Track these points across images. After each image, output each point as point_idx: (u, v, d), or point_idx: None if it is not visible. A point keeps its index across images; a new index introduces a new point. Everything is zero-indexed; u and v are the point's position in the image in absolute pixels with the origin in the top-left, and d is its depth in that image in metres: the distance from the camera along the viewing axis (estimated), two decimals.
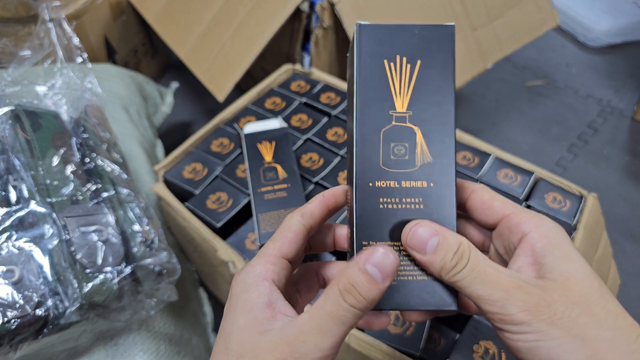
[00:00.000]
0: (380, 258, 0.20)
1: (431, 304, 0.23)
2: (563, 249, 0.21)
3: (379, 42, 0.24)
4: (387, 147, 0.23)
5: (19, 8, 0.81)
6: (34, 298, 0.38)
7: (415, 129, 0.23)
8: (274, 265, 0.23)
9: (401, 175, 0.23)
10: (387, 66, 0.24)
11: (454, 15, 0.86)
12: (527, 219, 0.22)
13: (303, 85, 0.66)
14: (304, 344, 0.20)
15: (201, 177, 0.55)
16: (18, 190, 0.42)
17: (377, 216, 0.23)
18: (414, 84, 0.24)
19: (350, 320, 0.20)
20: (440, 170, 0.23)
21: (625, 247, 0.88)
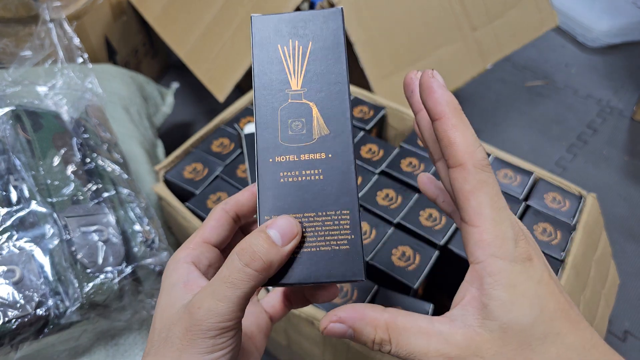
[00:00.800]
0: (280, 222, 0.22)
1: (337, 275, 0.23)
2: (509, 293, 0.19)
3: (271, 31, 0.25)
4: (285, 124, 0.25)
5: (20, 8, 0.81)
6: (34, 298, 0.38)
7: (311, 104, 0.25)
8: (194, 249, 0.24)
9: (299, 148, 0.24)
10: (281, 50, 0.25)
11: (453, 16, 0.86)
12: (486, 244, 0.20)
13: None
14: (199, 310, 0.20)
15: (201, 177, 0.55)
16: (19, 190, 0.43)
17: (279, 190, 0.24)
18: (307, 63, 0.25)
19: (244, 283, 0.20)
20: (338, 141, 0.24)
21: (625, 247, 0.88)
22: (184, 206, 0.52)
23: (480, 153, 0.20)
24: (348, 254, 0.23)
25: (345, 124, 0.24)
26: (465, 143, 0.20)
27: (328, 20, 0.25)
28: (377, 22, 0.79)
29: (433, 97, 0.20)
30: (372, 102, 0.63)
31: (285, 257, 0.22)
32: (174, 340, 0.21)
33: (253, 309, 0.28)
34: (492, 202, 0.20)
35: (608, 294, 0.56)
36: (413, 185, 0.52)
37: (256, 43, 0.25)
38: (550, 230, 0.47)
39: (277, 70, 0.25)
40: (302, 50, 0.25)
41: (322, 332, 0.22)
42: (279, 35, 0.25)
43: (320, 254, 0.23)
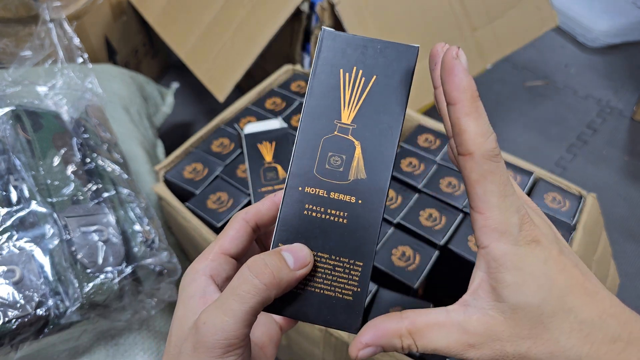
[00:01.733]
0: (296, 248, 0.22)
1: (333, 322, 0.23)
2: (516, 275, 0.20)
3: (339, 51, 0.24)
4: (324, 156, 0.23)
5: (20, 8, 0.81)
6: (34, 298, 0.38)
7: (356, 143, 0.23)
8: (213, 261, 0.24)
9: (332, 185, 0.23)
10: (342, 75, 0.24)
11: (453, 16, 0.86)
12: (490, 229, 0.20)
13: (303, 86, 0.67)
14: (204, 326, 0.20)
15: (201, 177, 0.55)
16: (19, 190, 0.43)
17: (300, 220, 0.23)
18: (364, 98, 0.23)
19: (251, 296, 0.20)
20: (372, 189, 0.23)
21: (625, 247, 0.88)
22: (184, 206, 0.52)
23: (490, 143, 0.20)
24: (349, 306, 0.23)
25: (385, 174, 0.23)
26: (476, 132, 0.19)
27: (401, 57, 0.24)
28: (377, 22, 0.79)
29: (452, 81, 0.20)
30: None
31: (294, 281, 0.22)
32: (184, 358, 0.20)
33: (264, 320, 0.28)
34: (499, 190, 0.20)
35: None
36: (413, 185, 0.52)
37: (320, 60, 0.24)
38: None
39: (333, 97, 0.23)
40: (364, 82, 0.23)
41: (353, 358, 0.22)
42: (344, 59, 0.24)
43: (323, 297, 0.23)
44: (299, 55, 0.88)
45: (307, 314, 0.23)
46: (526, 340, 0.20)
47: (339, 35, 0.24)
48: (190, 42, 0.87)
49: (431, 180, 0.52)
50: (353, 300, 0.23)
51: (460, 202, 0.50)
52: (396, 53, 0.24)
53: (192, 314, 0.22)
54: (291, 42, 0.87)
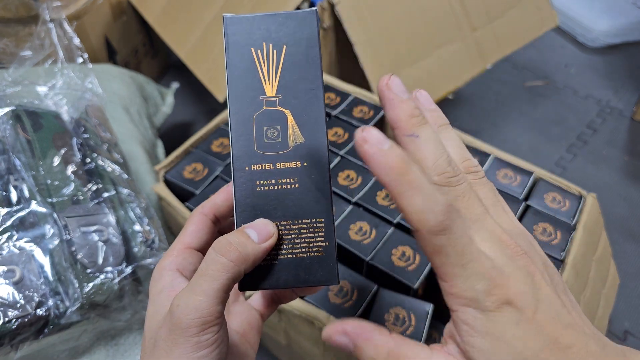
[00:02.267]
0: (258, 224, 0.23)
1: (312, 280, 0.24)
2: (485, 341, 0.19)
3: (245, 32, 0.25)
4: (260, 131, 0.24)
5: (20, 8, 0.81)
6: (34, 298, 0.38)
7: (286, 111, 0.24)
8: (177, 256, 0.25)
9: (275, 157, 0.24)
10: (255, 54, 0.25)
11: (453, 16, 0.86)
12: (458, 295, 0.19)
13: None
14: (178, 308, 0.20)
15: (201, 177, 0.55)
16: (19, 190, 0.43)
17: (255, 198, 0.24)
18: (281, 69, 0.25)
19: (221, 274, 0.20)
20: (313, 149, 0.24)
21: (625, 247, 0.88)
22: (184, 206, 0.52)
23: (434, 218, 0.18)
24: (322, 260, 0.24)
25: (321, 132, 0.24)
26: (415, 212, 0.18)
27: (303, 23, 0.25)
28: (377, 22, 0.79)
29: (375, 164, 0.19)
30: (372, 102, 0.63)
31: (262, 254, 0.22)
32: (160, 344, 0.21)
33: (242, 308, 0.29)
34: (456, 261, 0.19)
35: (608, 294, 0.56)
36: None
37: (230, 45, 0.25)
38: (550, 230, 0.47)
39: (251, 76, 0.24)
40: (277, 54, 0.25)
41: (324, 339, 0.22)
42: (252, 38, 0.25)
43: (296, 260, 0.24)
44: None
45: (285, 281, 0.24)
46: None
47: (241, 18, 0.25)
48: (190, 42, 0.87)
49: None
50: (325, 255, 0.24)
51: None
52: (297, 21, 0.25)
53: (163, 307, 0.22)
54: None
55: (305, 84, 0.25)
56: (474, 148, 0.56)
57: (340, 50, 0.86)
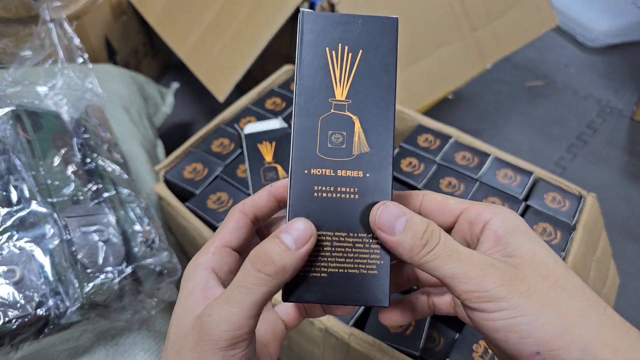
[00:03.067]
0: (294, 226, 0.21)
1: (360, 299, 0.22)
2: (524, 231, 0.21)
3: (321, 31, 0.24)
4: (325, 135, 0.23)
5: (20, 8, 0.81)
6: (35, 298, 0.38)
7: (354, 118, 0.23)
8: (214, 254, 0.23)
9: (337, 163, 0.23)
10: (329, 54, 0.24)
11: (453, 16, 0.86)
12: (485, 209, 0.22)
13: None
14: (210, 318, 0.19)
15: (201, 177, 0.55)
16: (19, 190, 0.43)
17: (311, 204, 0.23)
18: (354, 73, 0.24)
19: (257, 288, 0.20)
20: (377, 161, 0.23)
21: (625, 247, 0.88)
22: (184, 206, 0.52)
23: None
24: (375, 280, 0.22)
25: (387, 144, 0.23)
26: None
27: (384, 29, 0.24)
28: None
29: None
30: None
31: (300, 261, 0.21)
32: (185, 353, 0.20)
33: (269, 316, 0.28)
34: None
35: (608, 294, 0.56)
36: (413, 185, 0.52)
37: (304, 42, 0.24)
38: (550, 230, 0.47)
39: (323, 76, 0.23)
40: (352, 57, 0.24)
41: (374, 221, 0.22)
42: (328, 37, 0.24)
43: (347, 275, 0.23)
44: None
45: (334, 296, 0.22)
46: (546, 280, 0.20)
47: (319, 15, 0.24)
48: (190, 42, 0.87)
49: (431, 180, 0.52)
50: (378, 274, 0.22)
51: None
52: (377, 25, 0.24)
53: (192, 309, 0.21)
54: (291, 42, 0.87)
55: (378, 92, 0.24)
56: (474, 148, 0.56)
57: None
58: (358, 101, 0.23)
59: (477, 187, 0.51)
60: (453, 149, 0.56)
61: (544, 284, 0.19)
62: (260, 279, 0.20)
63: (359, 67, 0.24)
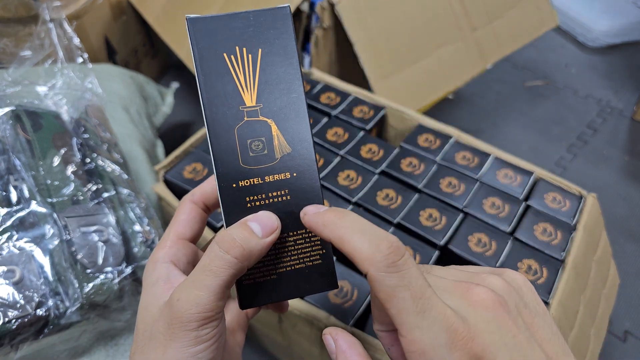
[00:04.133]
0: (260, 215, 0.22)
1: (313, 289, 0.24)
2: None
3: (214, 35, 0.23)
4: (244, 145, 0.23)
5: (20, 8, 0.81)
6: (34, 298, 0.38)
7: (269, 121, 0.23)
8: (171, 247, 0.24)
9: (263, 170, 0.23)
10: (228, 59, 0.23)
11: (453, 16, 0.86)
12: (418, 355, 0.17)
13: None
14: (178, 302, 0.20)
15: (201, 177, 0.55)
16: (19, 190, 0.42)
17: (247, 214, 0.23)
18: (259, 74, 0.23)
19: (224, 270, 0.20)
20: (301, 158, 0.23)
21: (625, 247, 0.88)
22: None
23: (381, 251, 0.17)
24: (321, 268, 0.23)
25: (306, 140, 0.23)
26: (361, 248, 0.18)
27: (277, 20, 0.23)
28: (377, 22, 0.79)
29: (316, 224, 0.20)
30: (372, 102, 0.63)
31: (265, 249, 0.21)
32: (157, 336, 0.20)
33: (232, 306, 0.28)
34: (413, 307, 0.17)
35: (608, 294, 0.56)
36: (413, 185, 0.52)
37: (199, 52, 0.22)
38: (550, 230, 0.47)
39: (228, 85, 0.22)
40: (252, 58, 0.23)
41: (323, 333, 0.22)
42: (223, 42, 0.22)
43: (295, 271, 0.23)
44: (299, 55, 0.88)
45: (287, 294, 0.23)
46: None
47: (206, 19, 0.23)
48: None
49: (431, 180, 0.52)
50: (323, 262, 0.23)
51: (460, 202, 0.50)
52: (270, 18, 0.23)
53: (158, 299, 0.22)
54: None
55: (285, 88, 0.23)
56: (474, 148, 0.56)
57: (340, 50, 0.86)
58: (269, 103, 0.23)
59: (477, 187, 0.51)
60: (453, 149, 0.56)
61: None
62: (227, 261, 0.20)
63: (261, 67, 0.23)
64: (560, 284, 0.43)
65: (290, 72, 0.23)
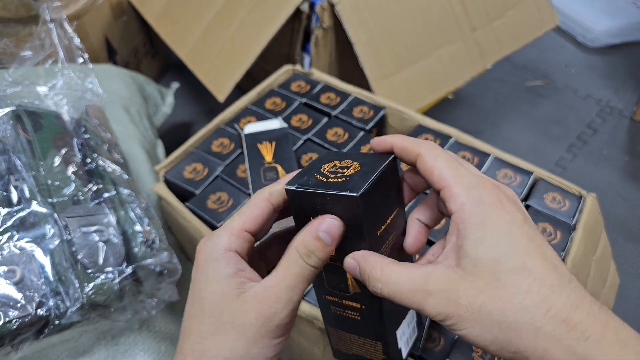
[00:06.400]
0: (329, 226, 0.24)
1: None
2: (480, 231, 0.21)
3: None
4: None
5: (20, 8, 0.81)
6: (35, 298, 0.38)
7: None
8: (237, 237, 0.25)
9: (342, 296, 0.29)
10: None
11: (453, 16, 0.86)
12: (456, 195, 0.22)
13: (303, 86, 0.67)
14: (277, 301, 0.23)
15: (202, 177, 0.55)
16: (19, 190, 0.43)
17: (332, 315, 0.30)
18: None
19: (310, 277, 0.24)
20: (367, 301, 0.28)
21: (625, 247, 0.88)
22: (184, 206, 0.52)
23: (427, 142, 0.25)
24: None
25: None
26: (413, 142, 0.25)
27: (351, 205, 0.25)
28: (377, 22, 0.79)
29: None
30: (372, 102, 0.63)
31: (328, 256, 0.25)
32: (247, 327, 0.23)
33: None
34: (449, 165, 0.23)
35: (608, 294, 0.56)
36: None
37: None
38: (550, 230, 0.47)
39: None
40: None
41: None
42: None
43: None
44: (299, 56, 0.88)
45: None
46: (481, 295, 0.20)
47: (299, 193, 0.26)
48: (190, 42, 0.87)
49: None
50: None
51: None
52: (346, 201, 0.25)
53: (232, 288, 0.23)
54: (291, 42, 0.87)
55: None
56: (474, 148, 0.56)
57: (340, 50, 0.86)
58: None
59: None
60: (453, 149, 0.56)
61: (476, 300, 0.20)
62: (312, 271, 0.24)
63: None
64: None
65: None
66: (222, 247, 0.24)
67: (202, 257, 0.25)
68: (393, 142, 0.26)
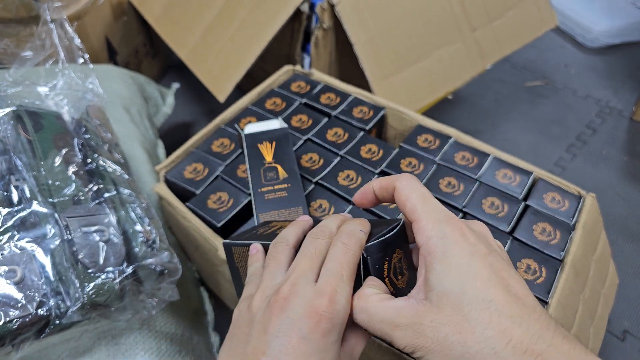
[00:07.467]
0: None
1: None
2: (443, 264, 0.22)
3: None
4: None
5: (20, 9, 0.81)
6: (35, 298, 0.38)
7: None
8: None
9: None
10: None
11: (453, 16, 0.86)
12: (423, 229, 0.24)
13: (303, 86, 0.67)
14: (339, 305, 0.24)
15: (202, 177, 0.55)
16: (20, 190, 0.43)
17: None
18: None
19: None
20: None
21: (624, 247, 0.89)
22: (184, 206, 0.52)
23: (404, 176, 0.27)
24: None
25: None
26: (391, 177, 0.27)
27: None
28: (377, 22, 0.79)
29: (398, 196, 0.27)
30: (371, 103, 0.63)
31: None
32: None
33: None
34: (421, 199, 0.25)
35: (607, 294, 0.56)
36: None
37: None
38: (549, 230, 0.47)
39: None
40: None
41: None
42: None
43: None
44: (299, 56, 0.88)
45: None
46: (445, 327, 0.21)
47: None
48: (190, 43, 0.87)
49: (431, 181, 0.52)
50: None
51: (459, 202, 0.50)
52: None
53: None
54: (291, 43, 0.87)
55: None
56: (473, 148, 0.56)
57: (340, 50, 0.87)
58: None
59: (477, 187, 0.51)
60: (452, 149, 0.56)
61: (440, 332, 0.21)
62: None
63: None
64: (560, 283, 0.43)
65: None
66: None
67: None
68: (373, 186, 0.28)
